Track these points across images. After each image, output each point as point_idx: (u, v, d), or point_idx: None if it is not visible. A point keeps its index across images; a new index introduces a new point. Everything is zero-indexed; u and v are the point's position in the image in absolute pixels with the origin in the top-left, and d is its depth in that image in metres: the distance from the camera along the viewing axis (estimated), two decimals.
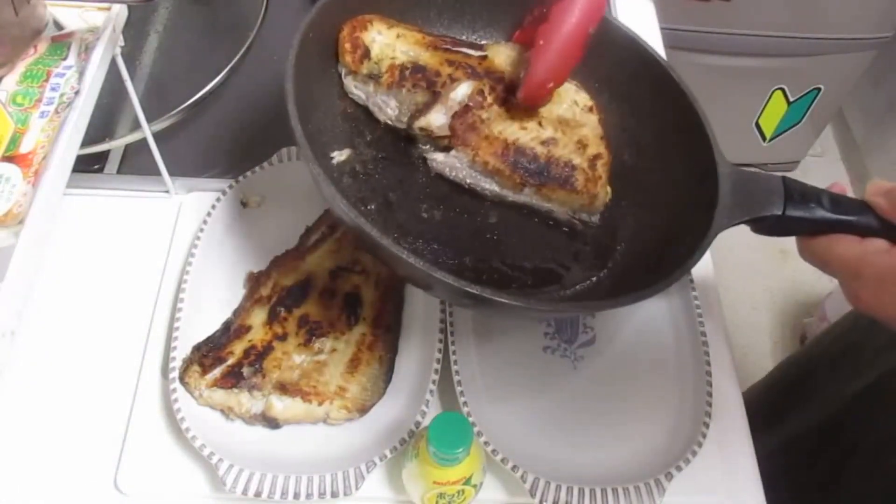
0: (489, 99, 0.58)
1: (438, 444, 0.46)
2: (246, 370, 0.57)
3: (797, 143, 1.72)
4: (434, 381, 0.57)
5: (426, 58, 0.60)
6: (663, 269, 0.52)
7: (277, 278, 0.62)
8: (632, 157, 0.63)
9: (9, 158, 0.47)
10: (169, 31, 0.81)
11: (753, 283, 1.64)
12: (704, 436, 0.56)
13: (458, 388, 0.57)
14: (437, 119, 0.58)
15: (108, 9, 0.55)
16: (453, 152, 0.58)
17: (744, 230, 0.54)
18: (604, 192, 0.59)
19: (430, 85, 0.59)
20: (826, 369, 0.84)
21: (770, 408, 0.87)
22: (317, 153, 0.51)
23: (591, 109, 0.61)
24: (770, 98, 1.59)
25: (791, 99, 1.59)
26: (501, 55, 0.61)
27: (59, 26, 0.56)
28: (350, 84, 0.61)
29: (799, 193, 0.51)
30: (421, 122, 0.58)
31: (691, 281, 0.65)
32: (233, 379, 0.57)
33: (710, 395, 0.59)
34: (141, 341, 0.61)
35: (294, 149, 0.69)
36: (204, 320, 0.61)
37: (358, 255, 0.64)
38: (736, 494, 0.58)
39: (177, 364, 0.57)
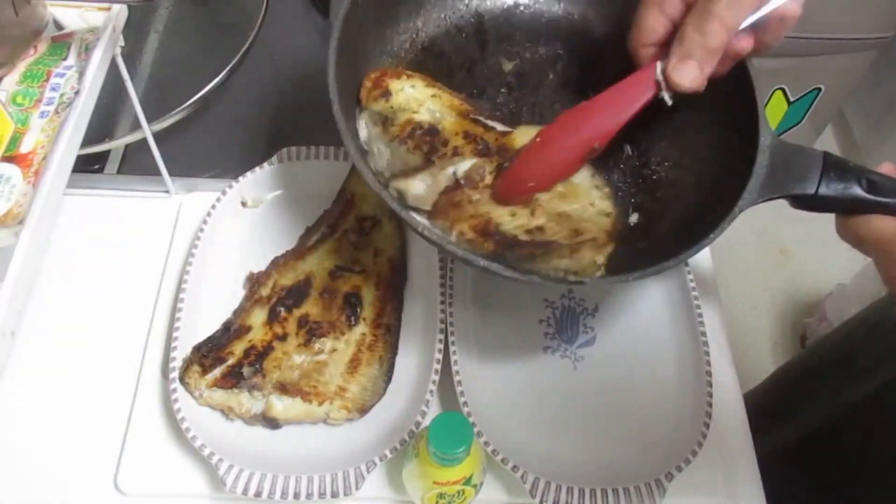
0: (487, 179, 0.54)
1: (438, 444, 0.46)
2: (246, 370, 0.57)
3: (797, 143, 1.72)
4: (434, 381, 0.57)
5: (447, 123, 0.57)
6: (680, 244, 0.50)
7: (277, 278, 0.62)
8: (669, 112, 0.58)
9: (9, 158, 0.47)
10: (169, 31, 0.81)
11: (753, 283, 1.64)
12: (705, 436, 0.56)
13: (458, 388, 0.57)
14: (415, 187, 0.55)
15: (108, 9, 0.55)
16: (431, 223, 0.54)
17: (744, 230, 0.54)
18: (591, 254, 0.52)
19: (430, 151, 0.56)
20: (825, 375, 0.84)
21: (770, 410, 0.87)
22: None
23: (607, 215, 0.54)
24: (770, 98, 1.59)
25: (791, 99, 1.59)
26: (526, 137, 0.56)
27: (59, 26, 0.56)
28: (361, 118, 0.59)
29: (837, 172, 0.50)
30: (399, 184, 0.55)
31: (691, 281, 0.65)
32: (233, 379, 0.57)
33: (710, 395, 0.59)
34: (141, 341, 0.61)
35: (294, 149, 0.69)
36: (204, 320, 0.61)
37: (358, 255, 0.64)
38: (736, 495, 0.58)
39: (177, 364, 0.57)
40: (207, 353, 0.58)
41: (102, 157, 0.73)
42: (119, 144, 0.71)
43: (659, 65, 0.50)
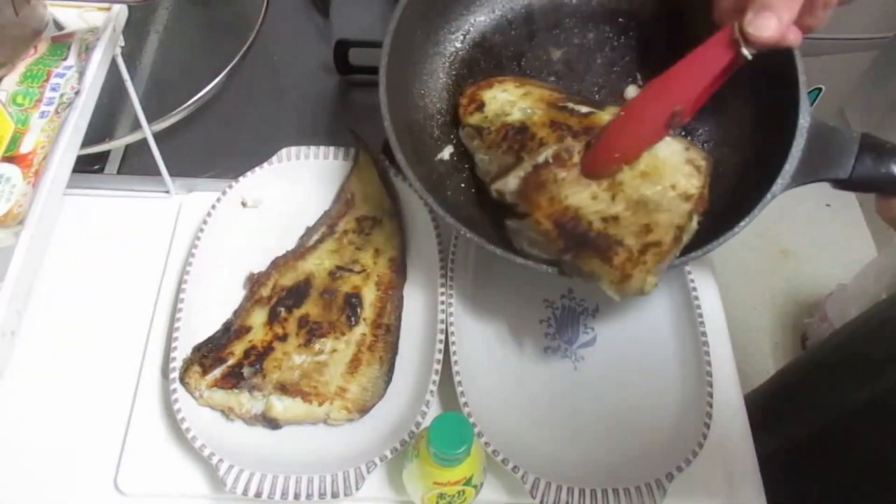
0: (575, 158, 0.54)
1: (439, 444, 0.46)
2: (246, 370, 0.57)
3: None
4: (434, 382, 0.57)
5: (536, 118, 0.58)
6: (710, 232, 0.51)
7: (277, 279, 0.62)
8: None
9: (9, 158, 0.47)
10: (169, 31, 0.81)
11: (753, 283, 1.64)
12: (705, 437, 0.56)
13: (459, 389, 0.57)
14: (510, 184, 0.56)
15: (108, 9, 0.55)
16: (525, 221, 0.55)
17: (744, 230, 0.54)
18: (640, 280, 0.51)
19: (521, 148, 0.57)
20: (828, 377, 0.83)
21: (772, 411, 0.87)
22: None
23: (687, 198, 0.53)
24: None
25: None
26: (611, 114, 0.56)
27: (59, 26, 0.56)
28: (461, 133, 0.61)
29: (874, 153, 0.50)
30: (497, 185, 0.56)
31: (692, 281, 0.65)
32: (233, 379, 0.57)
33: (710, 395, 0.59)
34: (141, 341, 0.61)
35: (294, 149, 0.69)
36: (204, 320, 0.61)
37: (358, 255, 0.64)
38: (737, 496, 0.58)
39: (177, 364, 0.57)
40: (207, 354, 0.58)
41: (102, 157, 0.73)
42: (119, 144, 0.71)
43: (735, 23, 0.49)
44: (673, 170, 0.54)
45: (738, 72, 0.52)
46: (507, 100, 0.60)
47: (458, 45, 0.65)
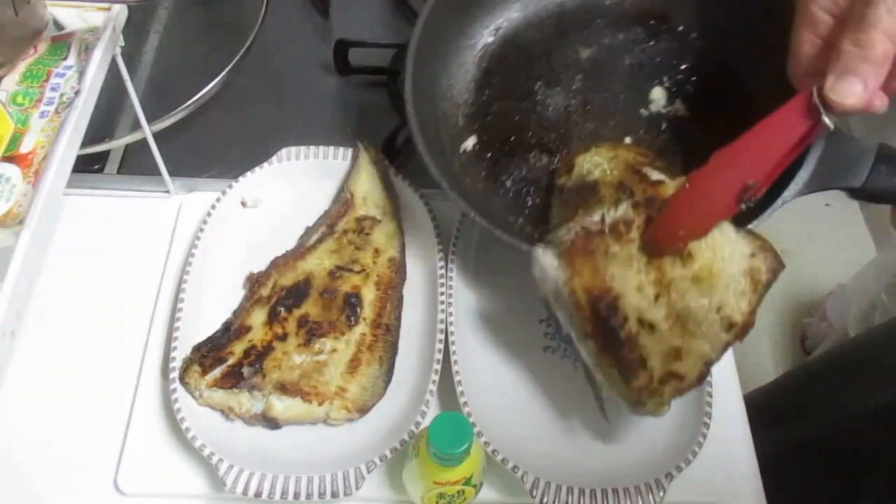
0: (633, 233, 0.51)
1: (438, 444, 0.46)
2: (246, 370, 0.57)
3: None
4: (434, 381, 0.57)
5: (608, 178, 0.56)
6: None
7: (277, 278, 0.62)
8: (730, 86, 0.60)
9: (9, 158, 0.47)
10: (169, 31, 0.81)
11: None
12: (705, 436, 0.56)
13: (459, 388, 0.57)
14: (561, 233, 0.53)
15: (108, 9, 0.55)
16: (557, 264, 0.52)
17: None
18: (652, 409, 0.50)
19: (582, 202, 0.55)
20: (838, 380, 0.83)
21: (774, 411, 0.87)
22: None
23: (730, 327, 0.49)
24: None
25: None
26: (679, 185, 0.52)
27: (59, 26, 0.56)
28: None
29: (890, 165, 0.49)
30: (550, 236, 0.53)
31: None
32: (233, 379, 0.57)
33: (710, 395, 0.59)
34: (141, 341, 0.61)
35: (294, 149, 0.68)
36: (204, 320, 0.61)
37: (358, 255, 0.64)
38: (736, 496, 0.58)
39: (177, 364, 0.57)
40: (207, 353, 0.58)
41: (102, 157, 0.73)
42: (119, 144, 0.71)
43: (815, 88, 0.45)
44: (728, 281, 0.50)
45: (768, 71, 0.51)
46: (595, 161, 0.59)
47: (490, 39, 0.66)
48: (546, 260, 0.52)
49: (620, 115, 0.64)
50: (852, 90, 0.43)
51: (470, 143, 0.63)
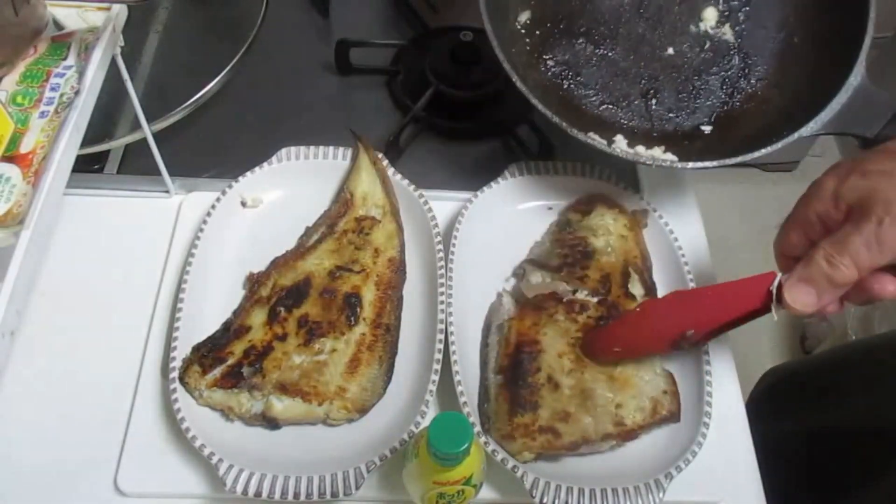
0: (581, 319, 0.59)
1: (438, 444, 0.46)
2: (246, 370, 0.57)
3: (797, 143, 1.72)
4: (434, 382, 0.57)
5: (604, 260, 0.63)
6: (738, 151, 0.55)
7: (277, 278, 0.62)
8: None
9: (9, 158, 0.47)
10: (169, 31, 0.81)
11: None
12: (705, 436, 0.56)
13: (458, 388, 0.57)
14: (535, 277, 0.63)
15: (108, 9, 0.55)
16: (513, 306, 0.61)
17: (744, 230, 0.54)
18: (517, 449, 0.54)
19: (569, 266, 0.62)
20: (839, 381, 0.83)
21: (776, 411, 0.86)
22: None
23: (616, 425, 0.56)
24: None
25: None
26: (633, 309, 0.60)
27: (59, 26, 0.56)
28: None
29: None
30: (528, 266, 0.64)
31: (692, 281, 0.65)
32: (233, 379, 0.57)
33: (710, 395, 0.59)
34: (141, 341, 0.61)
35: (294, 149, 0.69)
36: (204, 320, 0.61)
37: (357, 255, 0.64)
38: (736, 495, 0.58)
39: (177, 364, 0.57)
40: (207, 353, 0.58)
41: (102, 157, 0.73)
42: (119, 144, 0.71)
43: (780, 276, 0.49)
44: (636, 394, 0.57)
45: (816, 18, 0.55)
46: (606, 225, 0.64)
47: None
48: (506, 300, 0.62)
49: (670, 24, 0.67)
50: (805, 300, 0.48)
51: (524, 16, 0.66)
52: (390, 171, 0.68)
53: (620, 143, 0.63)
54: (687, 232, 0.69)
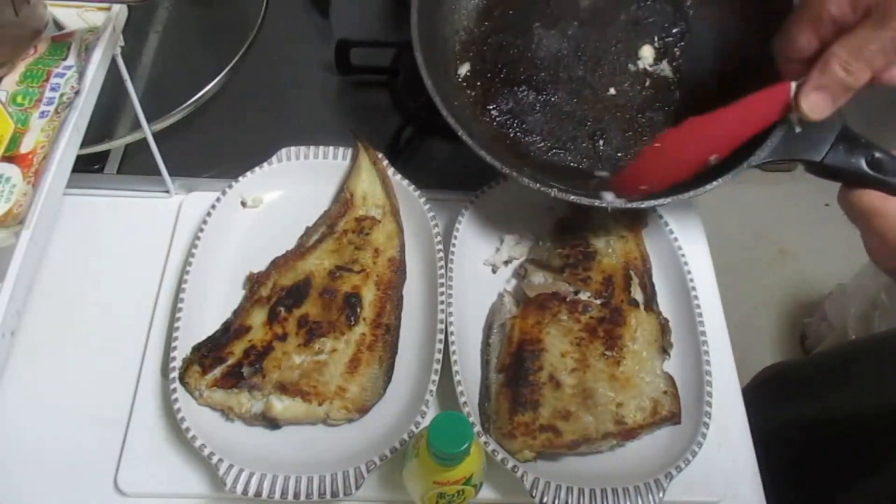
0: (583, 319, 0.60)
1: (438, 443, 0.46)
2: (246, 370, 0.57)
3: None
4: (434, 381, 0.57)
5: (605, 261, 0.64)
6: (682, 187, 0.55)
7: (277, 278, 0.62)
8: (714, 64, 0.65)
9: (9, 158, 0.47)
10: (169, 31, 0.81)
11: (753, 283, 1.64)
12: (705, 436, 0.56)
13: (458, 388, 0.57)
14: (537, 277, 0.63)
15: (108, 9, 0.55)
16: (515, 304, 0.62)
17: (744, 230, 0.54)
18: (517, 447, 0.55)
19: (570, 266, 0.63)
20: (838, 375, 0.83)
21: (776, 410, 0.86)
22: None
23: (616, 424, 0.56)
24: None
25: None
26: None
27: (59, 26, 0.56)
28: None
29: (848, 145, 0.53)
30: (529, 266, 0.64)
31: (691, 281, 0.65)
32: (233, 379, 0.57)
33: (710, 395, 0.59)
34: (141, 341, 0.61)
35: (294, 149, 0.68)
36: (204, 320, 0.61)
37: (357, 255, 0.64)
38: (736, 496, 0.58)
39: (177, 364, 0.57)
40: (207, 353, 0.58)
41: (102, 157, 0.73)
42: (119, 144, 0.71)
43: (794, 85, 0.49)
44: (637, 394, 0.57)
45: (748, 46, 0.55)
46: (606, 225, 0.65)
47: None
48: (508, 300, 0.62)
49: (609, 65, 0.68)
50: (822, 107, 0.48)
51: (464, 69, 0.67)
52: (390, 171, 0.68)
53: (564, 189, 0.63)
54: (687, 231, 0.69)
